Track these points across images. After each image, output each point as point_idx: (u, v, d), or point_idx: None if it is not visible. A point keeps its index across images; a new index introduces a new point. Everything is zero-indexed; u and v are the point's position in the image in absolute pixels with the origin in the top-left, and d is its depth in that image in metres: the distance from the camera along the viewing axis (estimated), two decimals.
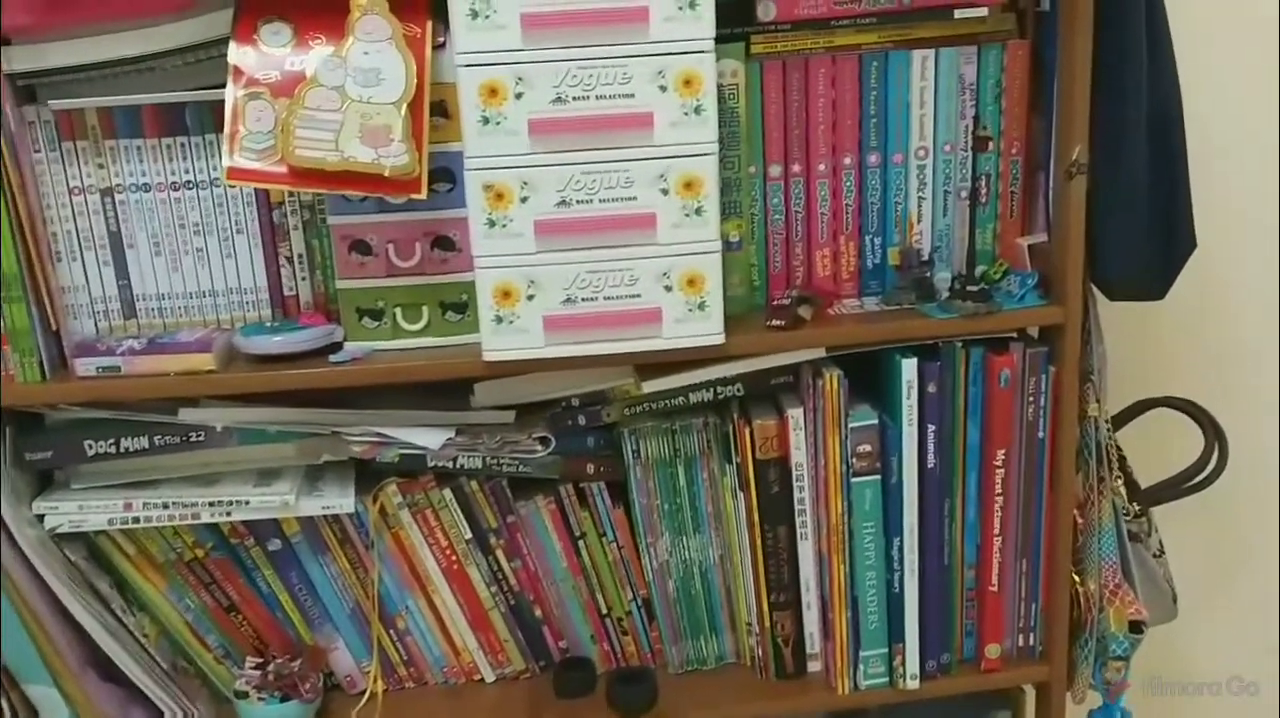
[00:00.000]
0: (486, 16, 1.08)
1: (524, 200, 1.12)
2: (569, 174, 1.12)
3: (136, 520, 1.20)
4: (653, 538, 1.33)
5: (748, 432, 1.27)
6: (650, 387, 1.26)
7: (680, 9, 1.10)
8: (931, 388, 1.25)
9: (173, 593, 1.28)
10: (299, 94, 1.09)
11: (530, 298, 1.15)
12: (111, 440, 1.20)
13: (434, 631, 1.35)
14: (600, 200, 1.13)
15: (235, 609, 1.31)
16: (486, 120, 1.10)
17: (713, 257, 1.16)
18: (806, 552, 1.32)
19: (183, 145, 1.18)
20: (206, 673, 1.32)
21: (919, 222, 1.29)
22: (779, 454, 1.29)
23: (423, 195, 1.12)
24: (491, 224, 1.13)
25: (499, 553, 1.33)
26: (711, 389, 1.28)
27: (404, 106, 1.10)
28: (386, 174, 1.09)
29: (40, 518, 1.19)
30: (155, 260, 1.21)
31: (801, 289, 1.28)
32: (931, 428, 1.26)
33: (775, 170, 1.26)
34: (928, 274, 1.27)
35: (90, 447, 1.20)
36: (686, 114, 1.12)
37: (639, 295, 1.16)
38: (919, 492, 1.29)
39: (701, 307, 1.17)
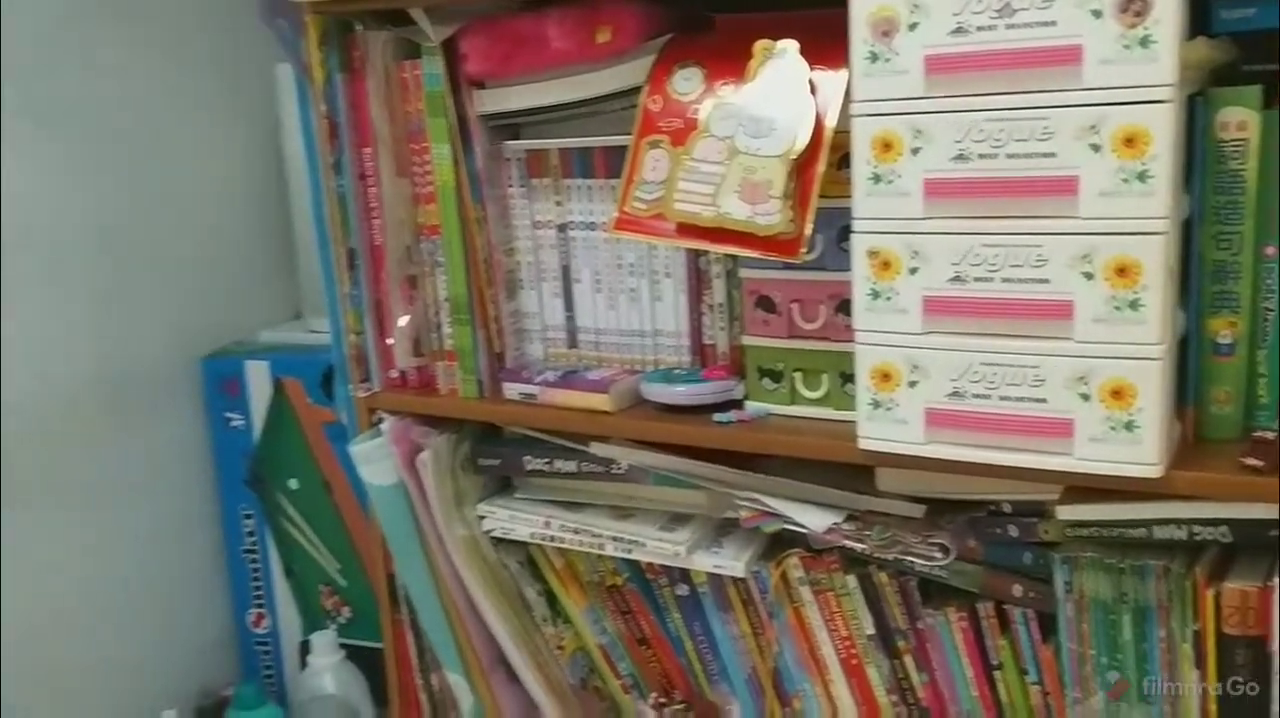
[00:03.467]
0: (886, 60, 0.93)
1: (913, 272, 0.96)
2: (966, 245, 0.93)
3: (551, 539, 1.26)
4: (1080, 694, 1.07)
5: (1210, 593, 0.96)
6: (1067, 513, 1.01)
7: (1126, 48, 0.85)
8: None
9: (591, 614, 1.32)
10: (688, 144, 1.04)
11: (912, 384, 0.98)
12: (546, 459, 1.27)
13: None
14: (1003, 279, 0.93)
15: (646, 643, 1.32)
16: (877, 178, 0.96)
17: (1150, 364, 0.89)
18: None
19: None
20: (614, 698, 1.35)
21: None
22: (1256, 632, 0.96)
23: (798, 258, 1.01)
24: (875, 296, 0.98)
25: (906, 659, 1.17)
26: (1185, 528, 0.99)
27: (789, 161, 1.00)
28: (759, 233, 1.00)
29: (481, 518, 1.30)
30: (596, 296, 1.25)
31: None
32: None
33: None
34: None
35: (529, 462, 1.28)
36: (1125, 180, 0.87)
37: (1044, 400, 0.93)
38: None
39: (1129, 426, 0.91)
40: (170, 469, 1.74)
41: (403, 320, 1.26)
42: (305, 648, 1.72)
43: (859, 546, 1.11)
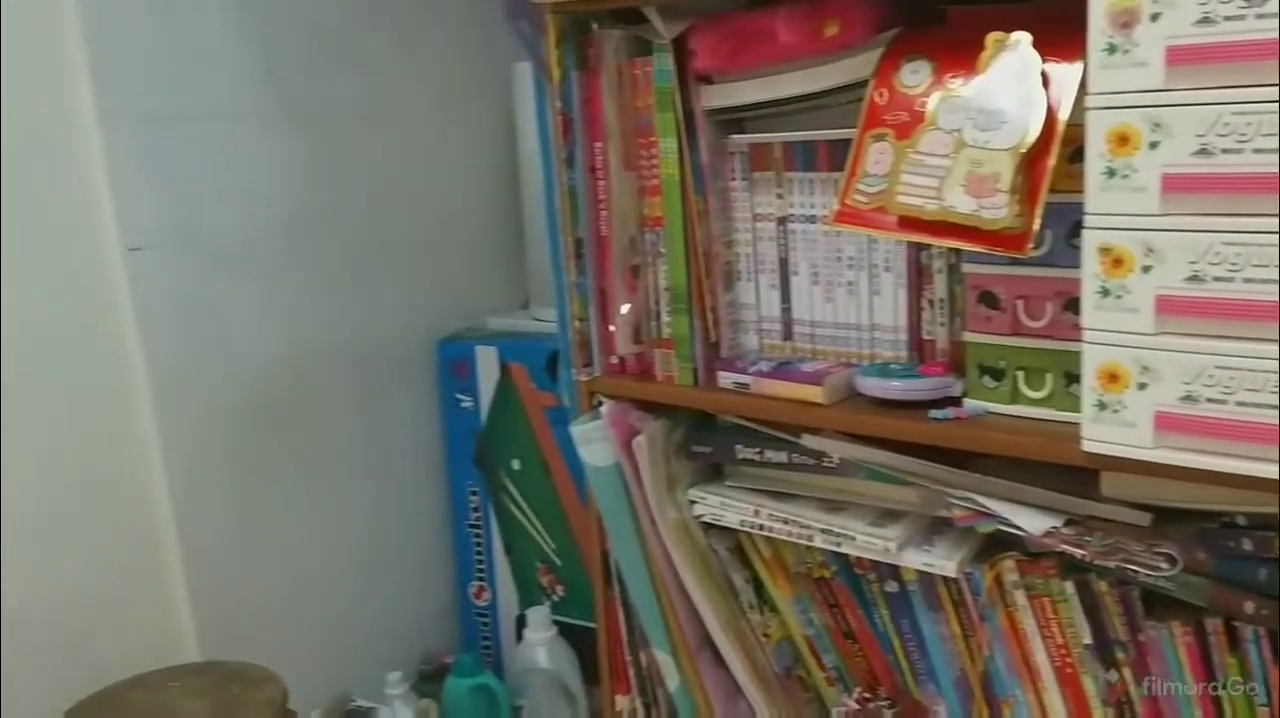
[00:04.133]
0: (1125, 51, 0.91)
1: (1146, 270, 0.93)
2: (1205, 243, 0.90)
3: (760, 528, 1.28)
4: None
5: None
6: None
7: None
8: None
9: (798, 605, 1.33)
10: (914, 136, 1.04)
11: (1141, 386, 0.95)
12: (757, 449, 1.29)
13: None
14: (1244, 280, 0.89)
15: (852, 638, 1.32)
16: (1112, 173, 0.93)
17: None
18: None
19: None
20: (818, 690, 1.36)
21: None
22: None
23: (1025, 253, 0.99)
24: (1105, 293, 0.96)
25: (1124, 671, 1.13)
26: None
27: (1018, 154, 0.98)
28: (984, 227, 0.99)
29: (692, 503, 1.33)
30: (813, 289, 1.25)
31: None
32: None
33: None
34: None
35: (740, 450, 1.30)
36: None
37: None
38: None
39: None
40: (405, 446, 1.86)
41: (624, 308, 1.31)
42: (521, 622, 1.80)
43: (1078, 551, 1.08)
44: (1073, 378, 1.06)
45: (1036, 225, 1.00)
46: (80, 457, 1.45)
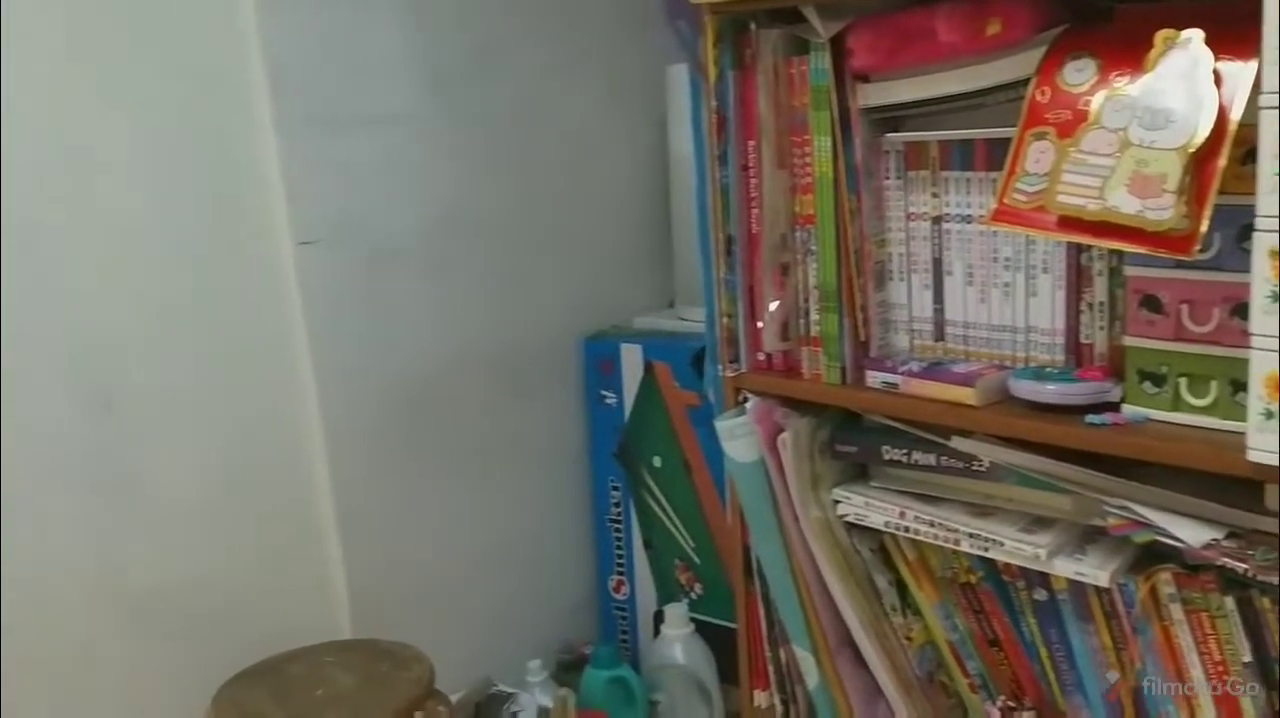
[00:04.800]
0: None
1: None
2: None
3: (905, 530, 1.27)
4: None
5: None
6: None
7: None
8: None
9: (942, 609, 1.32)
10: (1076, 135, 1.02)
11: None
12: (904, 450, 1.28)
13: None
14: None
15: (998, 645, 1.30)
16: None
17: None
18: None
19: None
20: (961, 696, 1.34)
21: None
22: None
23: (1191, 256, 0.97)
24: (1275, 299, 0.93)
25: None
26: None
27: (1186, 155, 0.96)
28: (1148, 228, 0.97)
29: (835, 503, 1.33)
30: (967, 289, 1.24)
31: None
32: None
33: None
34: None
35: (886, 451, 1.29)
36: None
37: None
38: None
39: None
40: (550, 440, 1.90)
41: (773, 305, 1.32)
42: (659, 618, 1.82)
43: (1240, 566, 1.04)
44: (1239, 386, 1.02)
45: (1204, 227, 0.97)
46: (248, 441, 1.53)
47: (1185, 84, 0.98)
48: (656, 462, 1.84)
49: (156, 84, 1.40)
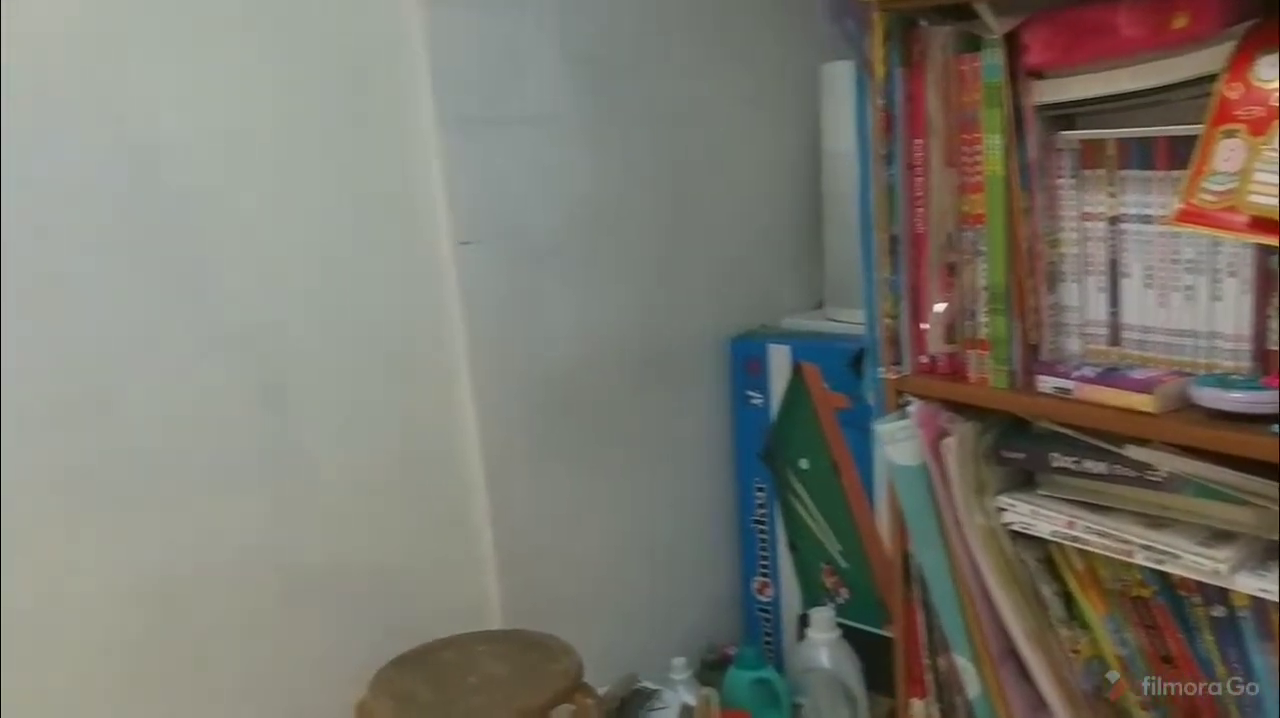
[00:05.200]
0: None
1: None
2: None
3: (1073, 540, 1.23)
4: None
5: None
6: None
7: None
8: None
9: (1111, 623, 1.27)
10: (1269, 133, 0.98)
11: None
12: (1074, 458, 1.24)
13: None
14: None
15: (1170, 662, 1.25)
16: None
17: None
18: None
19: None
20: (1130, 713, 1.29)
21: None
22: None
23: None
24: None
25: None
26: None
27: None
28: None
29: (1000, 510, 1.30)
30: (1145, 292, 1.20)
31: None
32: None
33: None
34: None
35: (1054, 459, 1.26)
36: None
37: None
38: None
39: None
40: (696, 439, 1.90)
41: (939, 307, 1.29)
42: (803, 621, 1.80)
43: None
44: None
45: None
46: (406, 432, 1.57)
47: None
48: (803, 464, 1.83)
49: (322, 84, 1.44)
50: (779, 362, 1.83)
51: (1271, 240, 1.01)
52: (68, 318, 1.27)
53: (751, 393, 1.87)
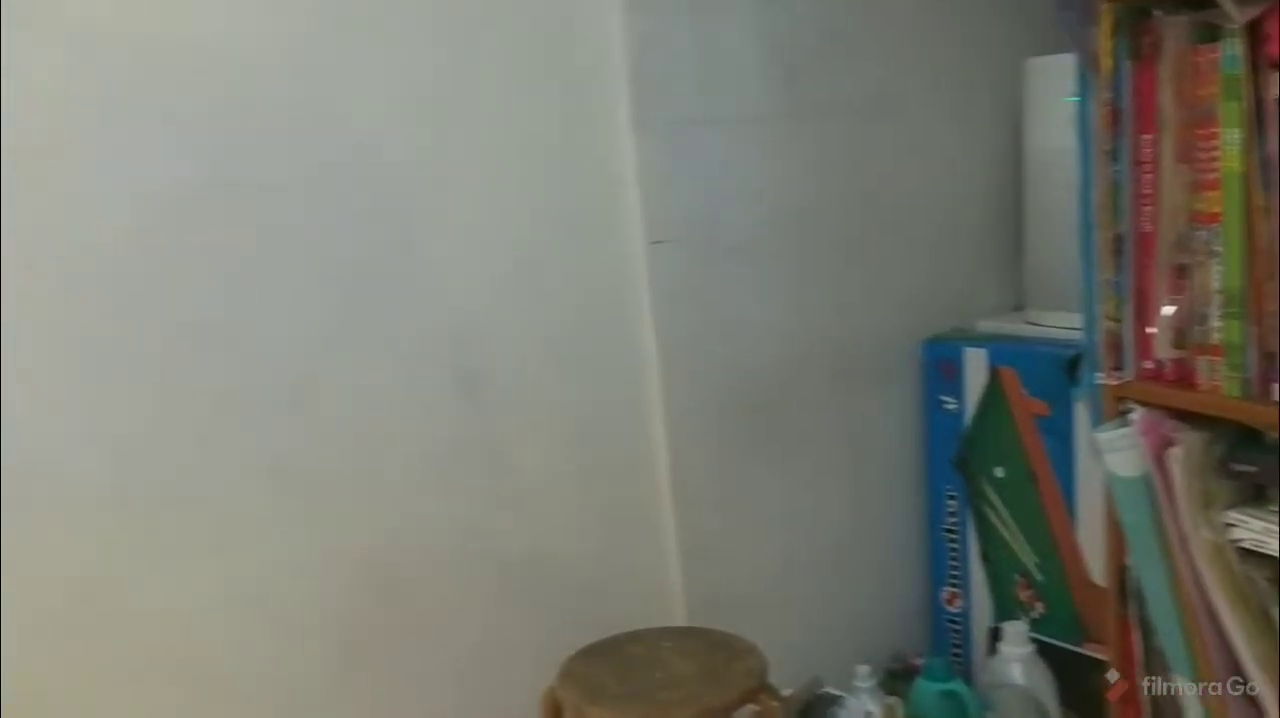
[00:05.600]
0: None
1: None
2: None
3: None
4: None
5: None
6: None
7: None
8: None
9: None
10: None
11: None
12: None
13: None
14: None
15: None
16: None
17: None
18: None
19: None
20: None
21: None
22: None
23: None
24: None
25: None
26: None
27: None
28: None
29: (1229, 526, 1.23)
30: None
31: None
32: None
33: None
34: None
35: None
36: None
37: None
38: None
39: None
40: (883, 443, 1.86)
41: (1167, 310, 1.23)
42: (995, 635, 1.75)
43: None
44: None
45: None
46: (597, 428, 1.59)
47: None
48: (999, 472, 1.77)
49: (526, 85, 1.47)
50: (975, 365, 1.78)
51: None
52: (282, 309, 1.33)
53: (945, 397, 1.82)
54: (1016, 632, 1.69)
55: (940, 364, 1.82)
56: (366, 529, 1.41)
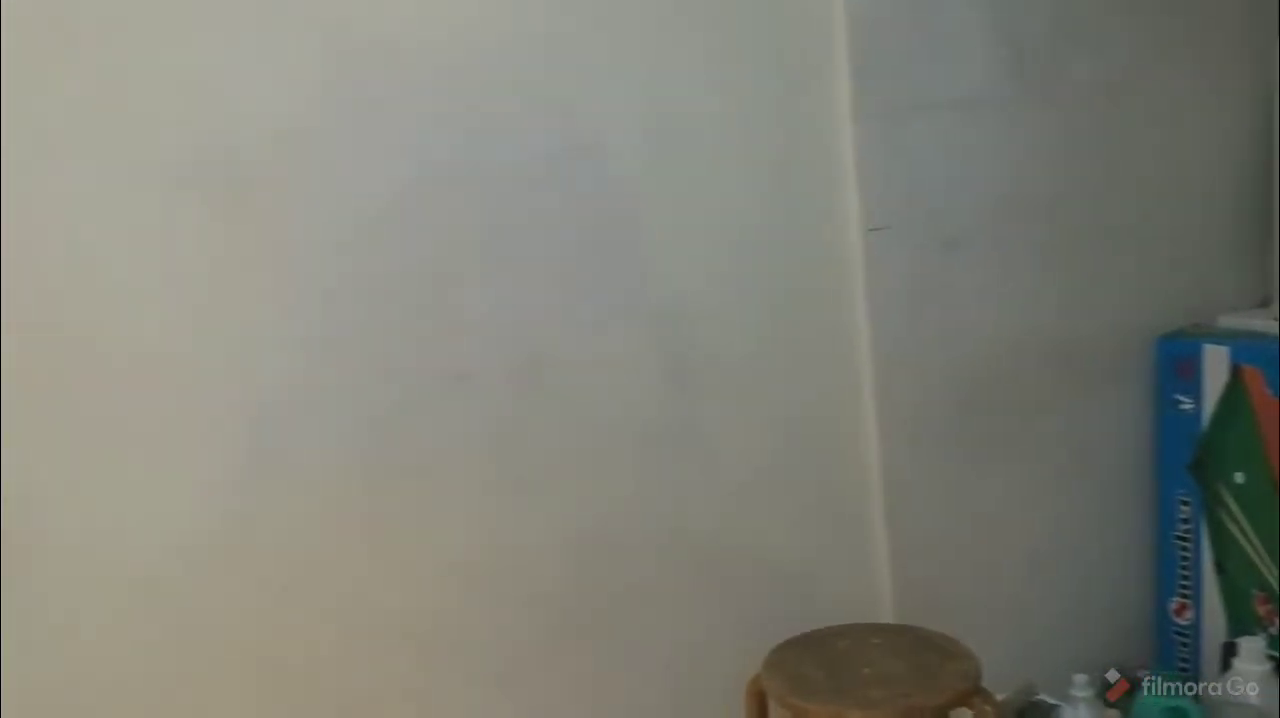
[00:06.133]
0: None
1: None
2: None
3: None
4: None
5: None
6: None
7: None
8: None
9: None
10: None
11: None
12: None
13: None
14: None
15: None
16: None
17: None
18: None
19: None
20: None
21: None
22: None
23: None
24: None
25: None
26: None
27: None
28: None
29: None
30: None
31: None
32: None
33: None
34: None
35: None
36: None
37: None
38: None
39: None
40: (1110, 444, 1.77)
41: None
42: (1229, 650, 1.65)
43: None
44: None
45: None
46: (804, 417, 1.57)
47: None
48: (1239, 478, 1.66)
49: (749, 72, 1.46)
50: (1215, 363, 1.67)
51: None
52: (515, 290, 1.36)
53: (1180, 397, 1.72)
54: (1253, 648, 1.59)
55: (1176, 362, 1.72)
56: (580, 508, 1.44)
